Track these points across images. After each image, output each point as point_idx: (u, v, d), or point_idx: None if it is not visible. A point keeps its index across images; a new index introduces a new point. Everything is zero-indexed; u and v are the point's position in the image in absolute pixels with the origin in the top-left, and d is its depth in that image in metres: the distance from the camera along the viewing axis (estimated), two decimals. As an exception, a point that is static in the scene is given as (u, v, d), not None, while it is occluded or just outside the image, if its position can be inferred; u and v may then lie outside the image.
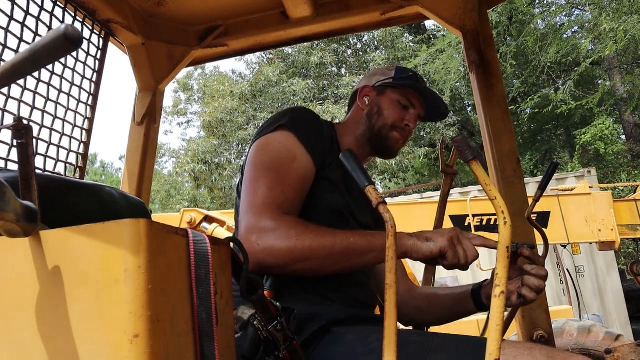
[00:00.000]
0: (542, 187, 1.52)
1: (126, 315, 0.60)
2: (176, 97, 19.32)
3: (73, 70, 1.91)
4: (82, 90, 1.96)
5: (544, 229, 1.65)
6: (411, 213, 5.16)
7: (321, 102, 14.22)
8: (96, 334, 0.61)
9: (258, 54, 16.04)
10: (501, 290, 0.69)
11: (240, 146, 16.22)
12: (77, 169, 1.96)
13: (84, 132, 1.98)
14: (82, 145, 1.96)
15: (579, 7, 12.66)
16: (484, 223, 4.93)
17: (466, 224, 4.98)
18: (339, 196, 1.40)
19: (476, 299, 1.40)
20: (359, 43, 16.25)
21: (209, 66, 19.17)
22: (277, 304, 0.97)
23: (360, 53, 15.96)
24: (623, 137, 15.61)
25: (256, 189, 1.24)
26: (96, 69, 2.08)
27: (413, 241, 1.15)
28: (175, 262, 0.68)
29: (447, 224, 4.99)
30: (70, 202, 1.14)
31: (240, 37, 2.35)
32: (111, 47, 2.23)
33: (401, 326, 1.62)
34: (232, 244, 0.87)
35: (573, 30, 12.90)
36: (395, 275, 0.80)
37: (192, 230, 0.72)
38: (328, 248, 1.15)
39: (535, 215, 4.82)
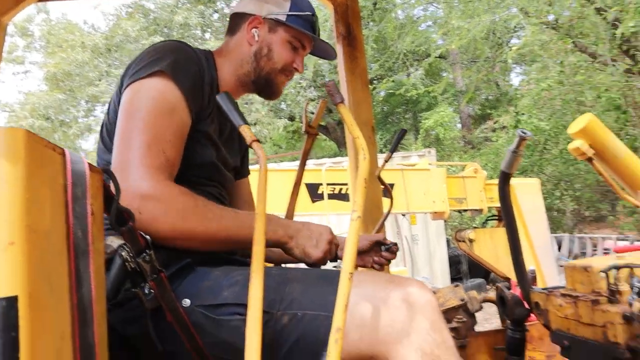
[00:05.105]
0: (392, 149, 1.72)
1: (1, 222, 0.60)
2: (11, 43, 16.91)
3: None
4: None
5: (391, 207, 1.88)
6: (268, 180, 5.30)
7: (184, 64, 13.60)
8: (-33, 241, 0.60)
9: (116, 5, 14.75)
10: (358, 215, 0.82)
11: (89, 103, 14.88)
12: None
13: None
14: None
15: (434, 4, 13.85)
16: (337, 192, 5.29)
17: (320, 192, 5.29)
18: (212, 149, 1.35)
19: None
20: (226, 8, 15.82)
21: (56, 12, 17.10)
22: (147, 236, 0.99)
23: (227, 19, 15.55)
24: (459, 125, 17.64)
25: (132, 145, 1.15)
26: None
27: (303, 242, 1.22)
28: (52, 177, 0.68)
29: (303, 192, 5.25)
30: None
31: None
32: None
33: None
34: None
35: (427, 24, 14.09)
36: (265, 205, 0.89)
37: (69, 150, 0.73)
38: (211, 234, 1.15)
39: (383, 187, 5.29)
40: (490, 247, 5.37)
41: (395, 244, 1.62)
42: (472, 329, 2.02)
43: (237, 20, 1.49)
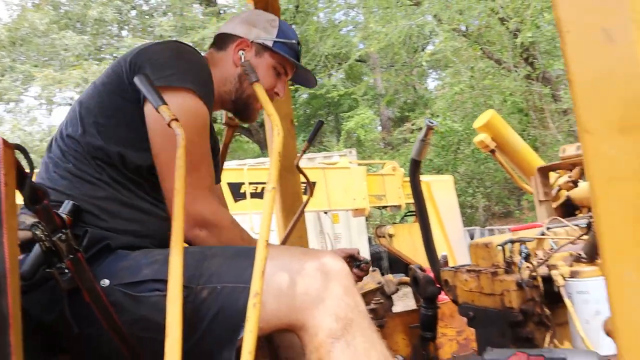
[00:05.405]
0: (310, 139, 1.79)
1: None
2: None
3: None
4: None
5: (311, 196, 1.96)
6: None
7: (98, 62, 13.00)
8: None
9: (21, -5, 13.75)
10: (272, 186, 0.87)
11: (-9, 101, 13.75)
12: None
13: None
14: None
15: (355, 10, 14.27)
16: (259, 191, 5.32)
17: (242, 191, 5.29)
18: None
19: None
20: (144, 5, 15.28)
21: (-52, -1, 15.63)
22: (64, 215, 0.98)
23: (146, 16, 15.04)
24: (380, 127, 18.25)
25: (192, 167, 1.19)
26: None
27: None
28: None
29: (225, 191, 5.22)
30: None
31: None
32: None
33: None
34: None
35: (348, 28, 14.48)
36: (185, 182, 0.91)
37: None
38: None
39: (305, 185, 5.40)
40: (409, 242, 5.63)
41: (367, 262, 1.69)
42: (389, 310, 2.14)
43: (224, 39, 1.51)
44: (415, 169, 1.80)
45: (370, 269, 2.17)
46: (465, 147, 13.29)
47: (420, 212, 1.86)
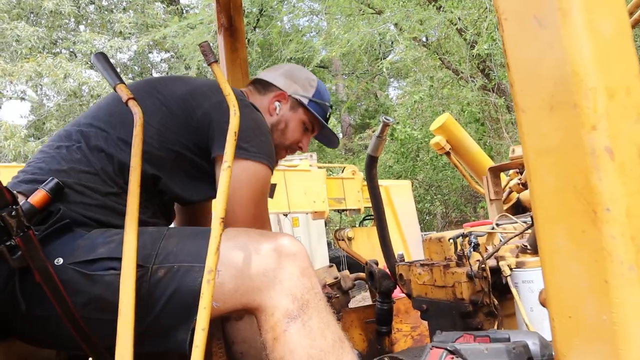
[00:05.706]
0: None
1: None
2: None
3: None
4: None
5: (270, 199, 1.99)
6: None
7: (52, 56, 12.55)
8: None
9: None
10: (228, 165, 0.88)
11: None
12: None
13: None
14: None
15: (318, 16, 14.37)
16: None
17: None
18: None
19: None
20: (104, 0, 14.91)
21: None
22: (15, 191, 0.96)
23: (105, 12, 14.66)
24: (341, 134, 18.41)
25: (261, 221, 1.35)
26: None
27: None
28: None
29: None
30: None
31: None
32: None
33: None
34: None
35: (312, 34, 14.57)
36: (141, 159, 0.91)
37: None
38: None
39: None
40: (368, 245, 5.70)
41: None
42: (346, 305, 2.17)
43: (265, 85, 1.62)
44: (371, 164, 1.85)
45: (327, 264, 2.21)
46: (424, 154, 13.56)
47: (376, 207, 1.90)
